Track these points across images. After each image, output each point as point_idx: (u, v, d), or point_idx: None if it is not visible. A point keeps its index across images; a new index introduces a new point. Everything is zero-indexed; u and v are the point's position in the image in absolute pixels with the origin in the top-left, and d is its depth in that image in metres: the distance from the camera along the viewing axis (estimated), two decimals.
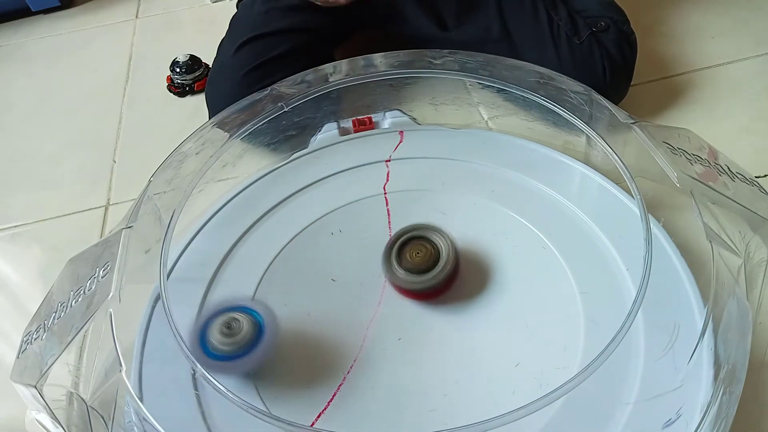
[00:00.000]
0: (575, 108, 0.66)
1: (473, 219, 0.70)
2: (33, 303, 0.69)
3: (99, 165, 0.91)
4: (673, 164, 0.57)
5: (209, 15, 1.19)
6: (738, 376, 0.48)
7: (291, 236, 0.69)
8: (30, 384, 0.50)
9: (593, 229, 0.66)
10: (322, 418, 0.55)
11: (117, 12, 1.24)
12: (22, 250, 0.81)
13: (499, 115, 0.85)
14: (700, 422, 0.49)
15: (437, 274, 0.60)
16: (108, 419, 0.49)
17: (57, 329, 0.53)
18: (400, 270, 0.61)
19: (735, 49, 0.94)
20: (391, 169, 0.75)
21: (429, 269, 0.60)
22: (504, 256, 0.66)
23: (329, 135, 0.80)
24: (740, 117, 0.84)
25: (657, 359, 0.55)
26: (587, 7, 0.83)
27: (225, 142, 0.68)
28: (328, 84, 0.72)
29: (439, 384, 0.57)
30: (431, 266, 0.61)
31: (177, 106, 0.99)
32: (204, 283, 0.65)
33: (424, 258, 0.61)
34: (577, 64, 0.78)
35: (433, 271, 0.60)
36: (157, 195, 0.63)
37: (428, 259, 0.61)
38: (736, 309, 0.51)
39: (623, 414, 0.52)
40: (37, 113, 1.03)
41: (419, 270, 0.61)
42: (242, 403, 0.47)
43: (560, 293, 0.62)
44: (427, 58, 0.72)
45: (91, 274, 0.56)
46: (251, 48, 0.82)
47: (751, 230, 0.55)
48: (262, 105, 0.71)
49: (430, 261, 0.61)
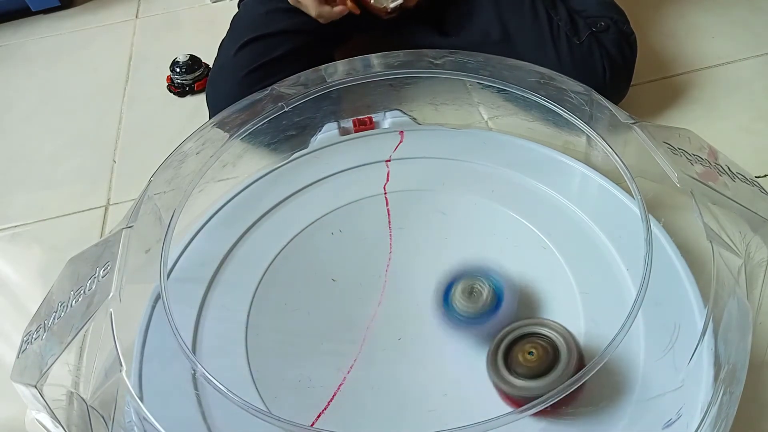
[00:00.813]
0: (575, 108, 0.66)
1: (473, 219, 0.70)
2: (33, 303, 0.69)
3: (99, 165, 0.91)
4: (673, 164, 0.57)
5: (209, 15, 1.19)
6: (738, 377, 0.48)
7: (291, 236, 0.69)
8: (30, 384, 0.50)
9: (593, 229, 0.66)
10: (322, 418, 0.55)
11: (117, 12, 1.24)
12: (22, 250, 0.81)
13: (500, 115, 0.85)
14: (700, 422, 0.49)
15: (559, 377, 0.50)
16: (108, 419, 0.49)
17: (57, 329, 0.53)
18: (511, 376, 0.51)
19: (735, 49, 0.94)
20: (392, 169, 0.75)
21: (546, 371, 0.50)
22: (504, 256, 0.65)
23: (329, 135, 0.80)
24: (740, 117, 0.84)
25: (657, 359, 0.55)
26: (587, 7, 0.83)
27: (225, 142, 0.68)
28: (329, 84, 0.72)
29: (439, 384, 0.57)
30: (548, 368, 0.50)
31: (177, 106, 0.99)
32: (204, 283, 0.65)
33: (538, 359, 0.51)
34: (576, 64, 0.78)
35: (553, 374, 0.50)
36: (158, 195, 0.63)
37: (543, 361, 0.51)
38: (736, 309, 0.51)
39: (624, 414, 0.52)
40: (37, 113, 1.03)
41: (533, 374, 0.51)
42: (242, 402, 0.47)
43: (560, 293, 0.62)
44: (427, 58, 0.72)
45: (91, 273, 0.56)
46: (252, 48, 0.82)
47: (752, 230, 0.55)
48: (263, 105, 0.71)
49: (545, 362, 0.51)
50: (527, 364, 0.50)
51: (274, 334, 0.61)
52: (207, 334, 0.62)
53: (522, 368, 0.50)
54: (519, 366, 0.51)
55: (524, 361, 0.50)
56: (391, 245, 0.68)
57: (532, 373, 0.50)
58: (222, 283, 0.66)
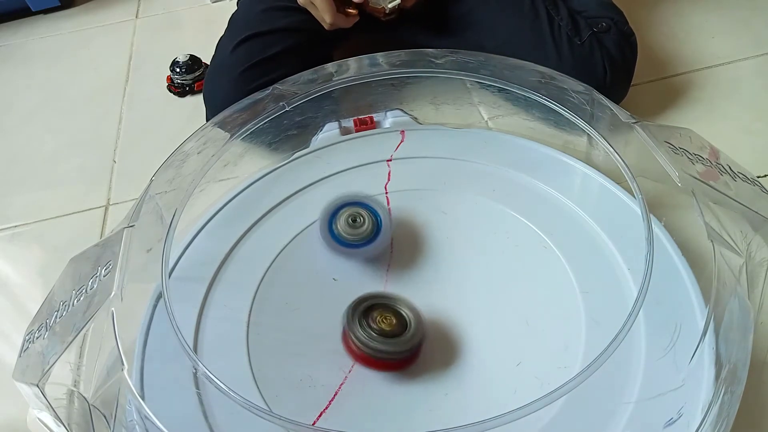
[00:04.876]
0: (577, 108, 0.66)
1: (474, 218, 0.70)
2: (33, 303, 0.69)
3: (99, 165, 0.90)
4: (674, 164, 0.57)
5: (209, 15, 1.19)
6: (739, 376, 0.48)
7: (292, 235, 0.69)
8: (32, 383, 0.50)
9: (595, 228, 0.66)
10: (323, 417, 0.55)
11: (117, 12, 1.24)
12: (22, 250, 0.81)
13: (500, 115, 0.85)
14: (701, 422, 0.49)
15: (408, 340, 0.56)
16: (110, 418, 0.49)
17: (59, 328, 0.53)
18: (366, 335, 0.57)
19: (735, 49, 0.94)
20: (393, 169, 0.76)
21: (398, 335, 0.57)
22: (505, 255, 0.66)
23: (330, 134, 0.80)
24: (740, 117, 0.84)
25: (658, 359, 0.55)
26: (587, 8, 0.83)
27: (226, 142, 0.68)
28: (330, 83, 0.72)
29: (439, 383, 0.57)
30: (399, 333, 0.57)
31: (177, 106, 0.99)
32: (205, 282, 0.65)
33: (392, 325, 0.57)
34: (577, 64, 0.78)
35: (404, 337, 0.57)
36: (159, 194, 0.63)
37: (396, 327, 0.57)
38: (737, 308, 0.51)
39: (624, 413, 0.52)
40: (37, 113, 1.03)
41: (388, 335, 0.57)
42: (244, 401, 0.47)
43: (561, 293, 0.62)
44: (428, 57, 0.72)
45: (92, 273, 0.56)
46: (249, 46, 0.82)
47: (753, 230, 0.55)
48: (264, 104, 0.71)
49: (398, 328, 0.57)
50: (382, 327, 0.56)
51: (275, 333, 0.61)
52: (208, 333, 0.62)
53: (376, 330, 0.56)
54: (374, 328, 0.56)
55: (380, 324, 0.57)
56: (391, 245, 0.68)
57: (384, 335, 0.56)
58: (223, 283, 0.66)
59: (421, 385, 0.57)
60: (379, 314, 0.57)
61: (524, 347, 0.58)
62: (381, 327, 0.56)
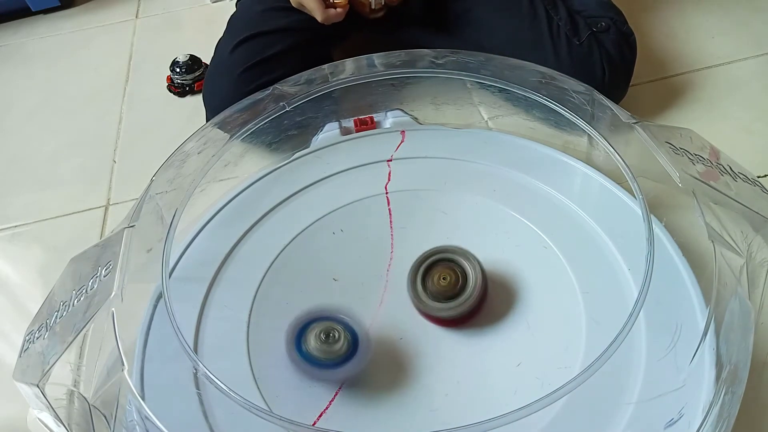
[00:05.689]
0: (577, 108, 0.66)
1: (475, 219, 0.70)
2: (33, 303, 0.69)
3: (99, 165, 0.90)
4: (675, 164, 0.57)
5: (209, 15, 1.19)
6: (740, 377, 0.48)
7: (292, 236, 0.69)
8: (32, 383, 0.50)
9: (595, 228, 0.66)
10: (323, 418, 0.55)
11: (117, 12, 1.24)
12: (22, 250, 0.81)
13: (501, 115, 0.85)
14: (702, 422, 0.49)
15: (464, 301, 0.58)
16: (110, 418, 0.49)
17: (59, 328, 0.53)
18: (425, 296, 0.59)
19: (735, 49, 0.94)
20: (393, 169, 0.75)
21: (456, 296, 0.58)
22: (505, 255, 0.66)
23: (331, 134, 0.80)
24: (740, 117, 0.84)
25: (659, 359, 0.55)
26: (587, 7, 0.83)
27: (226, 142, 0.68)
28: (330, 83, 0.72)
29: (439, 384, 0.57)
30: (458, 293, 0.59)
31: (177, 106, 0.99)
32: (206, 282, 0.65)
33: (450, 284, 0.59)
34: (576, 64, 0.78)
35: (460, 298, 0.58)
36: (159, 194, 0.63)
37: (454, 286, 0.59)
38: (738, 309, 0.51)
39: (625, 414, 0.52)
40: (37, 113, 1.03)
41: (446, 297, 0.59)
42: (244, 402, 0.47)
43: (562, 293, 0.62)
44: (428, 57, 0.72)
45: (93, 273, 0.56)
46: (248, 46, 0.82)
47: (753, 230, 0.55)
48: (264, 104, 0.71)
49: (457, 288, 0.59)
50: (439, 288, 0.59)
51: (275, 333, 0.61)
52: (208, 333, 0.62)
53: (435, 290, 0.59)
54: (433, 288, 0.59)
55: (437, 285, 0.59)
56: (392, 245, 0.68)
57: (443, 296, 0.59)
58: (224, 283, 0.66)
59: (421, 385, 0.57)
60: (438, 273, 0.59)
61: (524, 347, 0.58)
62: (438, 287, 0.59)
